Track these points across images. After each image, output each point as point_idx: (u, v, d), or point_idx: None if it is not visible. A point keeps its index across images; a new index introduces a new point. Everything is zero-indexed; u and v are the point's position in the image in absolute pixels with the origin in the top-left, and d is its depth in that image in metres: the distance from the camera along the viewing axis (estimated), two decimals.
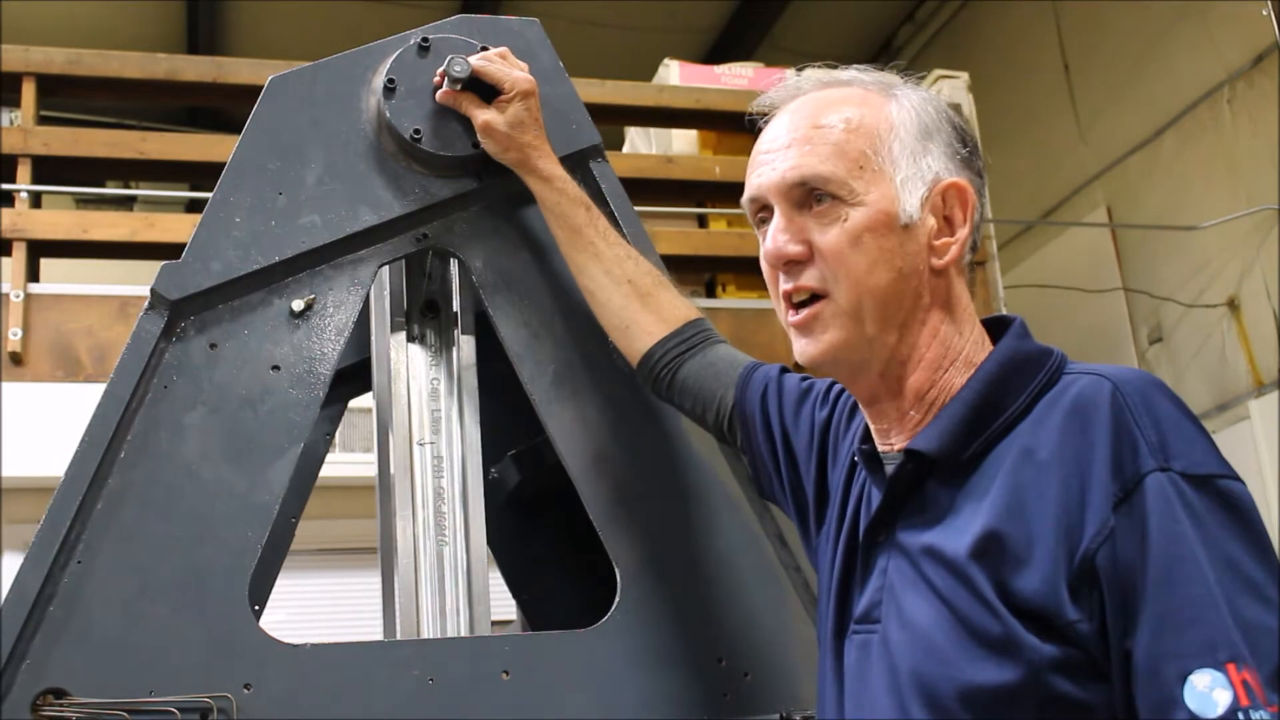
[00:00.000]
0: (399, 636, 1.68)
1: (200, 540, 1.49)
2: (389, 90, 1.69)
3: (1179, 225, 5.65)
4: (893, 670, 1.14)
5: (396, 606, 1.70)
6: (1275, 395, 5.14)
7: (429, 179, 1.72)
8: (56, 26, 6.51)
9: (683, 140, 5.26)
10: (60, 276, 4.48)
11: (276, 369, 1.60)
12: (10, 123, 4.31)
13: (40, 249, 4.16)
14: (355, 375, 2.03)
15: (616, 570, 1.65)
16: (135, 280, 4.14)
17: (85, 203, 6.06)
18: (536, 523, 2.17)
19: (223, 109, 7.08)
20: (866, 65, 1.30)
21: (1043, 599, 1.04)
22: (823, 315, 1.21)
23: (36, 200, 4.28)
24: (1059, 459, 1.08)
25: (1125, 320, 6.10)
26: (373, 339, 1.90)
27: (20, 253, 4.02)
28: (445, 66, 1.66)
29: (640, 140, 5.53)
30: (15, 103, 4.27)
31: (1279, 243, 5.20)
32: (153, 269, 1.58)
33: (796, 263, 1.22)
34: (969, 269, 1.26)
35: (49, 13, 6.59)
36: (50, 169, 4.30)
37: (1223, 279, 5.55)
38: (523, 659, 1.57)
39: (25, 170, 4.14)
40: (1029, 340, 1.22)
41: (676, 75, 5.25)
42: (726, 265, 5.01)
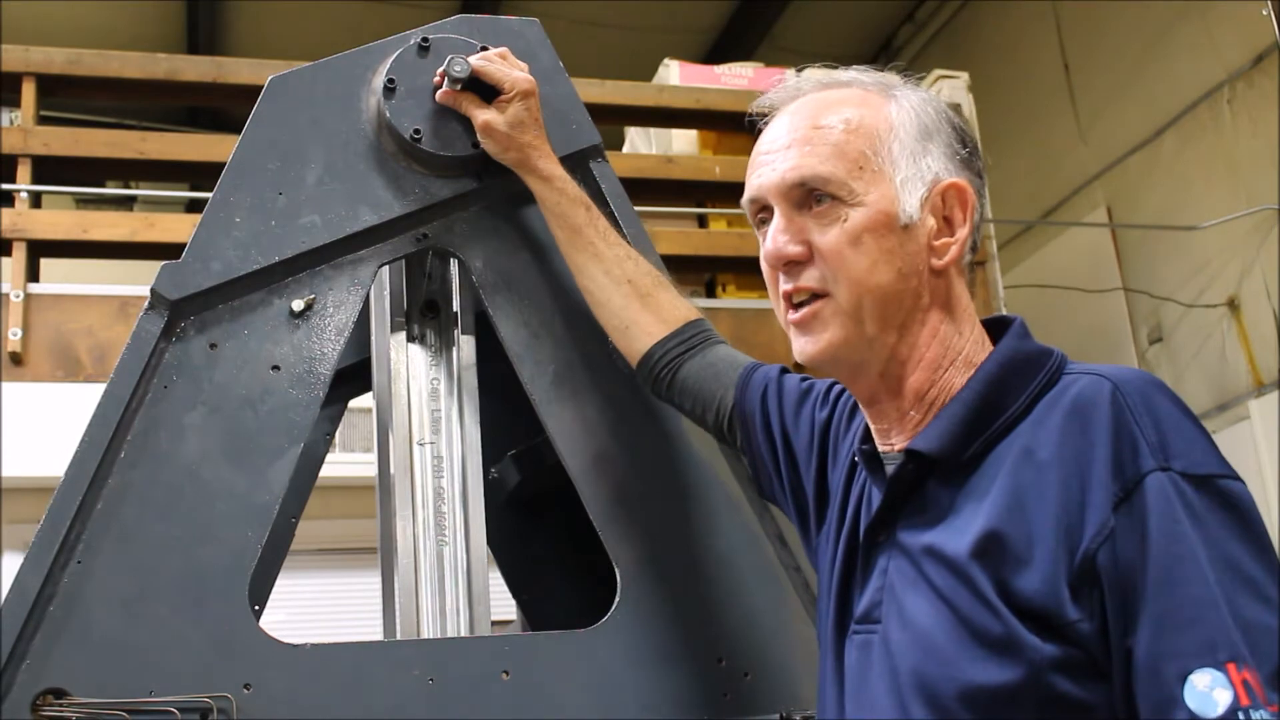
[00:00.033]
0: (399, 636, 1.68)
1: (200, 540, 1.49)
2: (389, 90, 1.69)
3: (1179, 225, 5.65)
4: (893, 670, 1.14)
5: (396, 606, 1.70)
6: (1275, 395, 5.14)
7: (429, 179, 1.72)
8: (56, 26, 6.51)
9: (683, 140, 5.26)
10: (60, 276, 4.48)
11: (276, 369, 1.60)
12: (10, 123, 4.31)
13: (40, 249, 4.16)
14: (355, 375, 2.03)
15: (616, 570, 1.65)
16: (135, 280, 4.14)
17: (85, 203, 6.06)
18: (536, 523, 2.17)
19: (223, 109, 7.08)
20: (866, 66, 1.30)
21: (1043, 599, 1.04)
22: (822, 314, 1.21)
23: (36, 200, 4.28)
24: (1059, 459, 1.08)
25: (1125, 320, 6.10)
26: (373, 339, 1.90)
27: (20, 253, 4.02)
28: (445, 66, 1.66)
29: (640, 140, 5.53)
30: (15, 103, 4.27)
31: (1279, 243, 5.20)
32: (153, 269, 1.58)
33: (796, 263, 1.22)
34: (969, 269, 1.26)
35: (49, 13, 6.58)
36: (50, 169, 4.30)
37: (1223, 279, 5.55)
38: (523, 659, 1.57)
39: (25, 170, 4.14)
40: (1029, 340, 1.22)
41: (676, 75, 5.25)
42: (726, 265, 5.01)
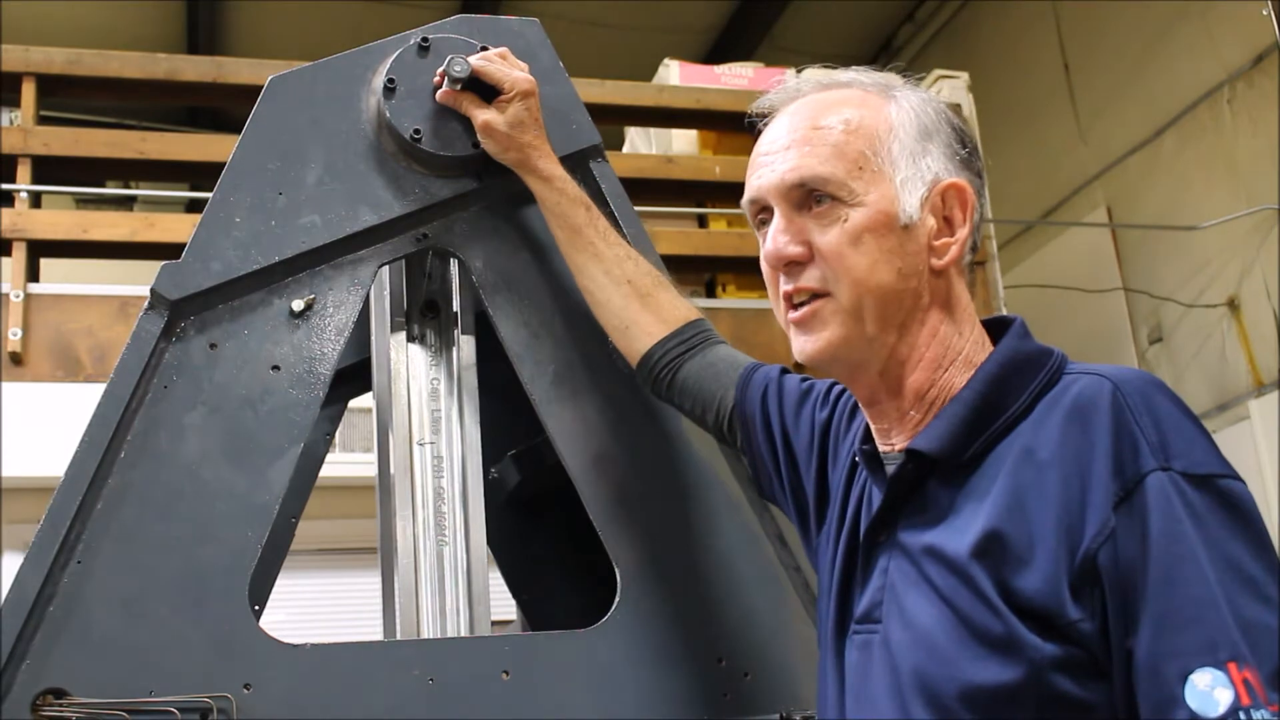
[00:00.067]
0: (399, 636, 1.68)
1: (200, 540, 1.49)
2: (389, 90, 1.69)
3: (1179, 225, 5.65)
4: (894, 670, 1.14)
5: (396, 606, 1.70)
6: (1275, 395, 5.14)
7: (429, 179, 1.72)
8: (56, 26, 6.51)
9: (683, 140, 5.26)
10: (60, 276, 4.48)
11: (276, 369, 1.60)
12: (10, 123, 4.30)
13: (40, 249, 4.16)
14: (355, 375, 2.03)
15: (616, 570, 1.65)
16: (135, 280, 4.14)
17: (85, 203, 6.06)
18: (536, 523, 2.17)
19: (223, 109, 7.08)
20: (866, 66, 1.30)
21: (1044, 598, 1.04)
22: (822, 313, 1.21)
23: (36, 200, 4.28)
24: (1059, 459, 1.08)
25: (1125, 320, 6.10)
26: (373, 339, 1.90)
27: (20, 253, 4.01)
28: (445, 66, 1.66)
29: (640, 140, 5.53)
30: (15, 103, 4.27)
31: (1279, 243, 5.20)
32: (153, 269, 1.58)
33: (797, 264, 1.22)
34: (969, 269, 1.26)
35: (49, 13, 6.58)
36: (50, 169, 4.30)
37: (1223, 279, 5.55)
38: (523, 659, 1.57)
39: (25, 170, 4.14)
40: (1029, 340, 1.22)
41: (676, 75, 5.25)
42: (726, 265, 5.01)
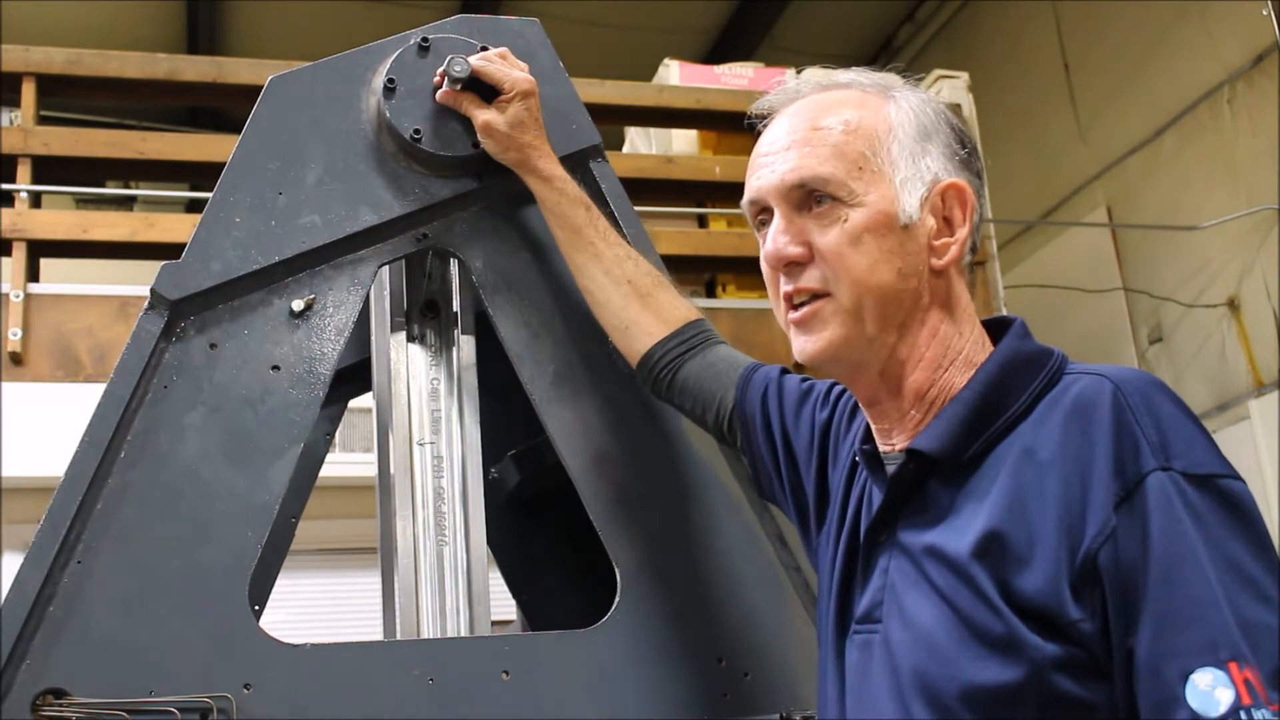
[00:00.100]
0: (399, 636, 1.68)
1: (200, 540, 1.49)
2: (389, 90, 1.69)
3: (1179, 225, 5.65)
4: (894, 670, 1.14)
5: (396, 606, 1.70)
6: (1275, 395, 5.14)
7: (429, 179, 1.72)
8: (56, 26, 6.51)
9: (683, 140, 5.26)
10: (60, 276, 4.47)
11: (276, 369, 1.59)
12: (10, 123, 4.30)
13: (40, 249, 4.16)
14: (355, 375, 2.02)
15: (616, 570, 1.65)
16: (135, 280, 4.14)
17: (85, 203, 6.06)
18: (536, 523, 2.17)
19: (223, 109, 7.08)
20: (866, 66, 1.30)
21: (1045, 598, 1.04)
22: (822, 313, 1.21)
23: (36, 200, 4.28)
24: (1060, 459, 1.08)
25: (1125, 320, 6.10)
26: (373, 339, 1.90)
27: (20, 253, 4.01)
28: (445, 66, 1.66)
29: (640, 140, 5.53)
30: (15, 103, 4.27)
31: (1279, 243, 5.20)
32: (153, 269, 1.58)
33: (797, 264, 1.22)
34: (969, 269, 1.26)
35: (49, 13, 6.58)
36: (50, 169, 4.30)
37: (1223, 279, 5.55)
38: (523, 659, 1.57)
39: (25, 170, 4.14)
40: (1030, 341, 1.22)
41: (676, 75, 5.25)
42: (726, 265, 5.01)
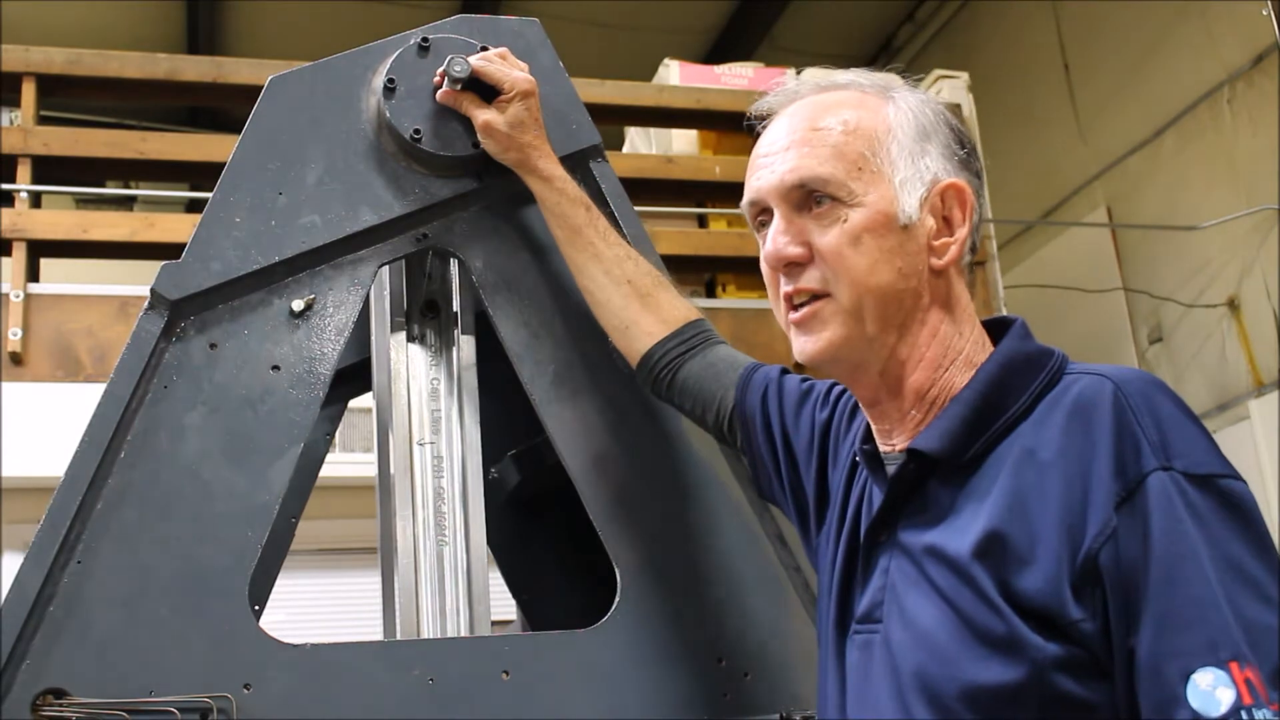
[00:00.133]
0: (399, 636, 1.68)
1: (200, 540, 1.49)
2: (389, 90, 1.69)
3: (1179, 225, 5.65)
4: (895, 670, 1.14)
5: (396, 606, 1.70)
6: (1275, 395, 5.14)
7: (429, 179, 1.72)
8: (56, 26, 6.51)
9: (683, 140, 5.26)
10: (60, 276, 4.47)
11: (276, 369, 1.59)
12: (10, 123, 4.30)
13: (40, 249, 4.16)
14: (355, 375, 2.02)
15: (616, 570, 1.65)
16: (135, 280, 4.14)
17: (85, 203, 6.06)
18: (536, 523, 2.17)
19: (223, 109, 7.08)
20: (865, 67, 1.30)
21: (1046, 598, 1.04)
22: (823, 313, 1.21)
23: (36, 200, 4.28)
24: (1061, 459, 1.08)
25: (1125, 320, 6.10)
26: (373, 339, 1.90)
27: (20, 253, 4.01)
28: (445, 66, 1.66)
29: (640, 140, 5.53)
30: (15, 103, 4.27)
31: (1279, 243, 5.20)
32: (153, 269, 1.58)
33: (797, 265, 1.22)
34: (969, 269, 1.26)
35: (49, 13, 6.58)
36: (50, 169, 4.30)
37: (1223, 279, 5.55)
38: (523, 659, 1.57)
39: (25, 170, 4.14)
40: (1030, 341, 1.22)
41: (676, 75, 5.25)
42: (726, 265, 5.01)
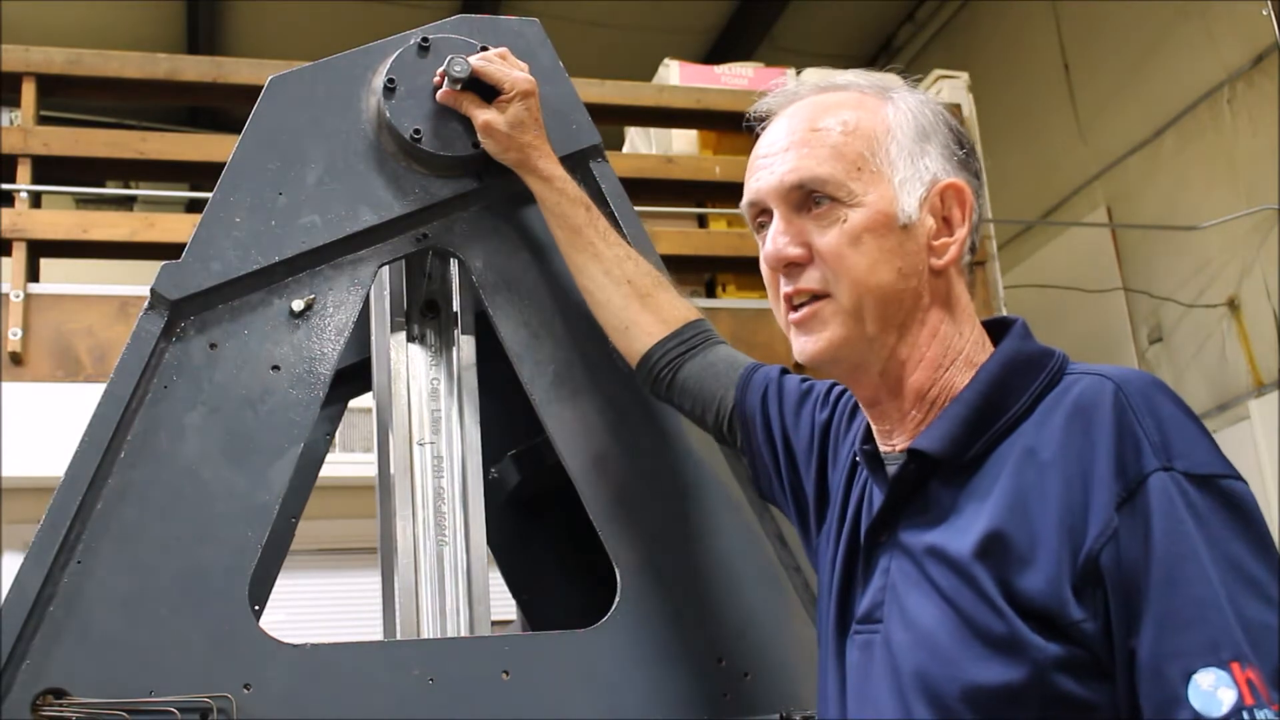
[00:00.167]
0: (399, 636, 1.68)
1: (200, 540, 1.49)
2: (389, 90, 1.69)
3: (1179, 225, 5.65)
4: (895, 670, 1.14)
5: (396, 606, 1.70)
6: (1275, 395, 5.14)
7: (429, 179, 1.72)
8: (56, 26, 6.51)
9: (683, 140, 5.26)
10: (60, 276, 4.47)
11: (276, 369, 1.59)
12: (10, 123, 4.30)
13: (40, 249, 4.16)
14: (355, 375, 2.02)
15: (616, 570, 1.65)
16: (135, 280, 4.14)
17: (85, 203, 6.06)
18: (536, 523, 2.17)
19: (223, 109, 7.08)
20: (865, 67, 1.30)
21: (1047, 599, 1.04)
22: (822, 313, 1.21)
23: (36, 200, 4.28)
24: (1062, 459, 1.08)
25: (1125, 320, 6.10)
26: (373, 339, 1.90)
27: (20, 253, 4.01)
28: (445, 66, 1.66)
29: (640, 140, 5.53)
30: (15, 103, 4.27)
31: (1279, 243, 5.20)
32: (153, 269, 1.58)
33: (796, 265, 1.22)
34: (969, 269, 1.26)
35: (49, 13, 6.58)
36: (50, 169, 4.30)
37: (1223, 279, 5.55)
38: (523, 659, 1.57)
39: (25, 170, 4.14)
40: (1031, 341, 1.22)
41: (676, 75, 5.25)
42: (726, 265, 5.01)
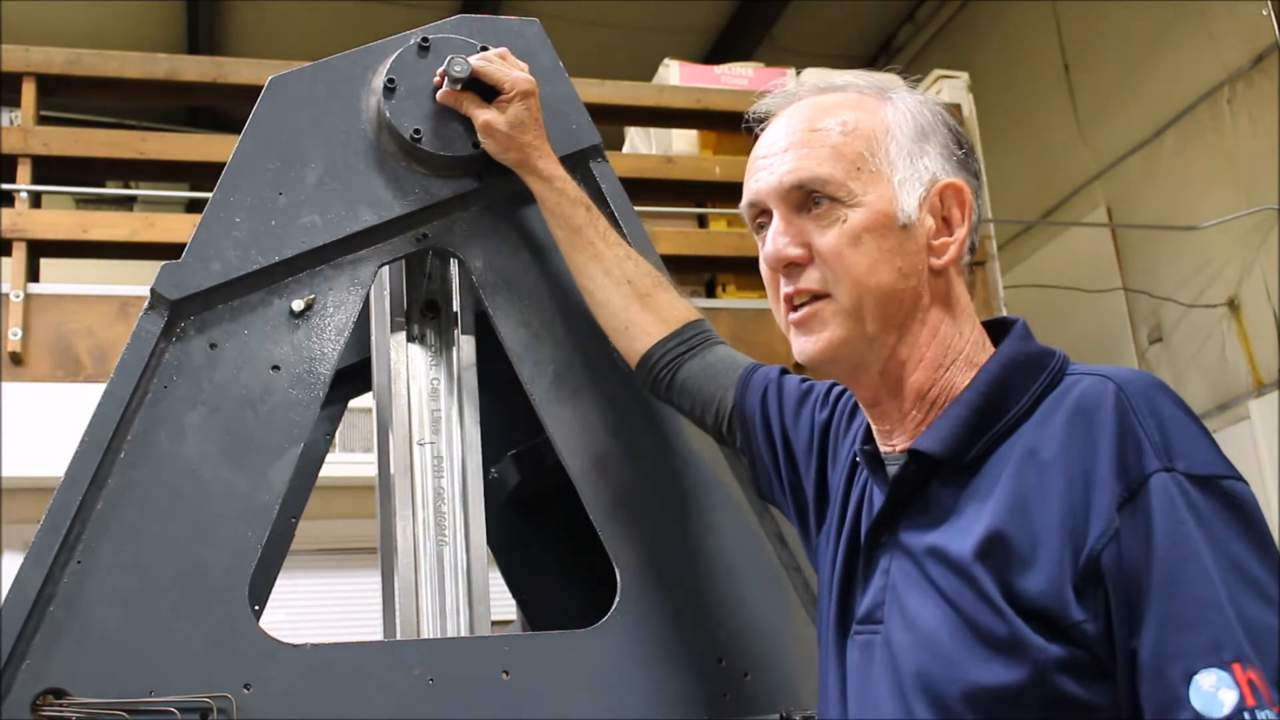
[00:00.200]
0: (399, 636, 1.68)
1: (200, 540, 1.49)
2: (389, 90, 1.69)
3: (1179, 225, 5.66)
4: (896, 671, 1.14)
5: (396, 606, 1.70)
6: (1275, 395, 5.14)
7: (429, 179, 1.72)
8: (56, 26, 6.51)
9: (683, 140, 5.26)
10: (60, 276, 4.47)
11: (276, 369, 1.59)
12: (10, 123, 4.30)
13: (40, 249, 4.16)
14: (355, 375, 2.03)
15: (616, 570, 1.65)
16: (135, 280, 4.14)
17: (85, 203, 6.06)
18: (536, 523, 2.17)
19: (223, 109, 7.08)
20: (864, 68, 1.30)
21: (1048, 599, 1.04)
22: (822, 313, 1.21)
23: (36, 200, 4.28)
24: (1063, 460, 1.08)
25: (1125, 320, 6.10)
26: (373, 339, 1.90)
27: (20, 253, 4.02)
28: (445, 66, 1.66)
29: (640, 140, 5.53)
30: (15, 103, 4.27)
31: (1279, 243, 5.20)
32: (153, 269, 1.58)
33: (796, 265, 1.22)
34: (968, 270, 1.26)
35: (49, 13, 6.58)
36: (50, 169, 4.30)
37: (1223, 279, 5.55)
38: (523, 659, 1.57)
39: (25, 170, 4.14)
40: (1031, 341, 1.22)
41: (676, 75, 5.25)
42: (726, 265, 5.01)
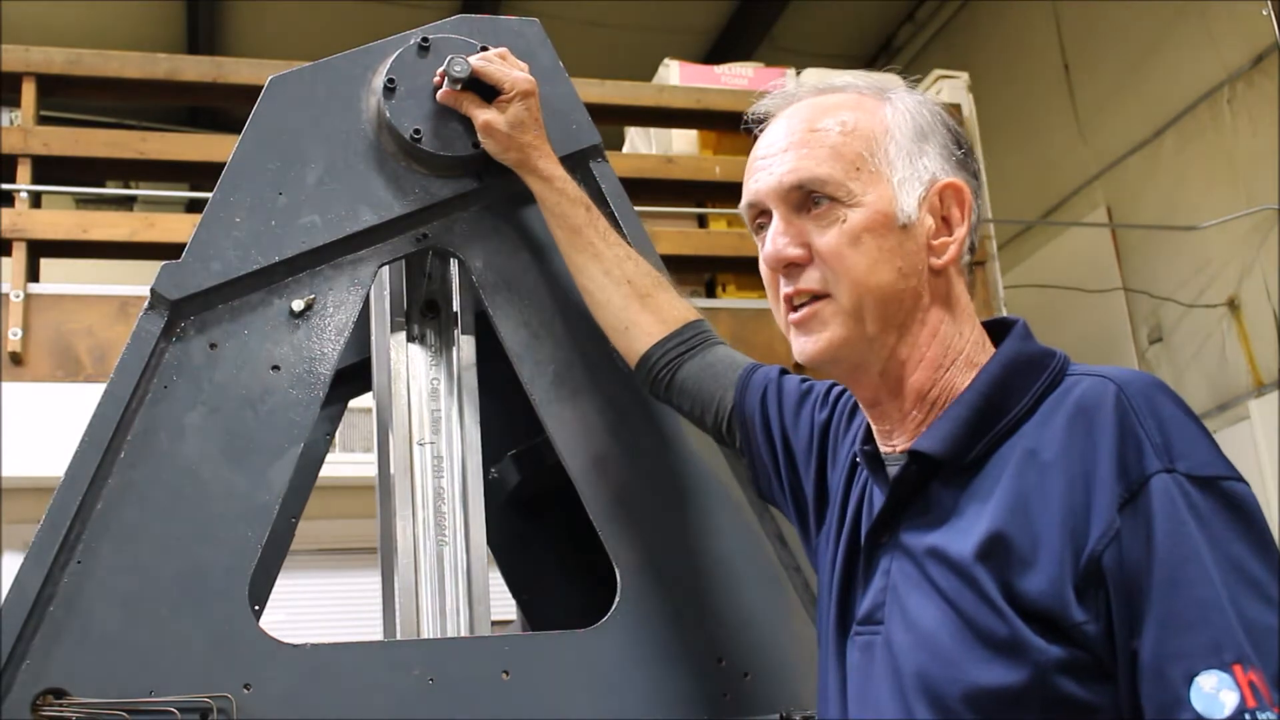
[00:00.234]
0: (399, 636, 1.68)
1: (200, 540, 1.49)
2: (389, 90, 1.69)
3: (1179, 225, 5.66)
4: (896, 672, 1.13)
5: (396, 606, 1.70)
6: (1275, 395, 5.14)
7: (429, 179, 1.72)
8: (56, 26, 6.51)
9: (683, 140, 5.26)
10: (60, 276, 4.47)
11: (276, 369, 1.59)
12: (10, 123, 4.30)
13: (40, 249, 4.16)
14: (355, 375, 2.03)
15: (616, 570, 1.65)
16: (135, 280, 4.14)
17: (85, 203, 6.06)
18: (536, 523, 2.17)
19: (223, 109, 7.08)
20: (864, 68, 1.30)
21: (1049, 600, 1.04)
22: (822, 313, 1.21)
23: (36, 200, 4.28)
24: (1063, 460, 1.08)
25: (1125, 320, 6.10)
26: (373, 339, 1.90)
27: (20, 253, 4.02)
28: (445, 66, 1.66)
29: (640, 140, 5.53)
30: (15, 103, 4.27)
31: (1279, 243, 5.20)
32: (153, 269, 1.58)
33: (796, 265, 1.22)
34: (968, 269, 1.26)
35: (49, 13, 6.58)
36: (50, 169, 4.30)
37: (1223, 279, 5.55)
38: (523, 659, 1.57)
39: (25, 170, 4.14)
40: (1032, 342, 1.22)
41: (676, 75, 5.25)
42: (726, 265, 5.01)
